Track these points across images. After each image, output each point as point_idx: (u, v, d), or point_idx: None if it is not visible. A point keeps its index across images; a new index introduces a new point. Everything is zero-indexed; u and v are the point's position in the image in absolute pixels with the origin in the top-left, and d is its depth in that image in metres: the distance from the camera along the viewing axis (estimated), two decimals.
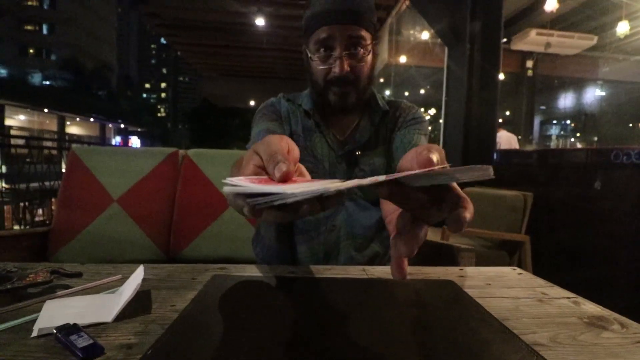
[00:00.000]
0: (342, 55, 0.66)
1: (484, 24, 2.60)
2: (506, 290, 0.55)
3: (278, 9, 4.68)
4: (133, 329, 0.37)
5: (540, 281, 0.60)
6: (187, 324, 0.38)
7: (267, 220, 0.27)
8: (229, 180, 0.28)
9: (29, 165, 3.88)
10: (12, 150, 4.15)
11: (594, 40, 6.05)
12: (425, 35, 5.28)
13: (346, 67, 0.67)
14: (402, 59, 5.95)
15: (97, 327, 0.37)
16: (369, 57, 0.71)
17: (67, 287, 0.46)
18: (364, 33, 0.68)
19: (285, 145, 0.31)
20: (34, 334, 0.35)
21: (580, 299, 0.52)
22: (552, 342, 0.38)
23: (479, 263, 1.07)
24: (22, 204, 3.83)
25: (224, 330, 0.37)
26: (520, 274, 0.63)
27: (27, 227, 3.61)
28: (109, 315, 0.38)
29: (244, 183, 0.27)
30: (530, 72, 7.90)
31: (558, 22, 6.31)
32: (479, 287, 0.56)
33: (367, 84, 0.73)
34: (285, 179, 0.27)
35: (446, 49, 2.91)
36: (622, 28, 4.54)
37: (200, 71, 9.15)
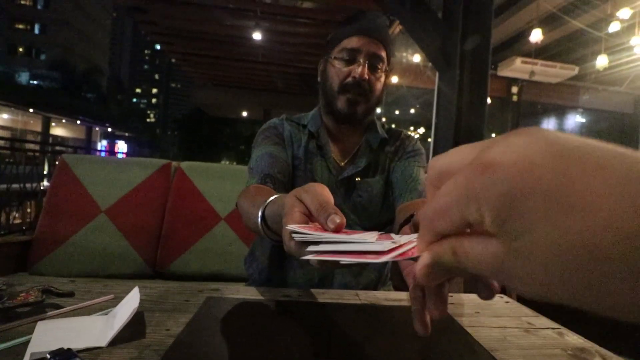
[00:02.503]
0: (365, 62, 0.73)
1: (474, 51, 2.71)
2: (495, 319, 0.56)
3: (275, 25, 4.77)
4: (128, 354, 0.36)
5: (526, 310, 0.62)
6: (182, 351, 0.37)
7: (329, 267, 0.28)
8: (293, 227, 0.29)
9: (11, 166, 3.75)
10: None
11: (575, 70, 6.37)
12: (416, 58, 5.45)
13: (366, 73, 0.72)
14: (394, 79, 6.11)
15: (91, 352, 0.36)
16: (382, 79, 0.77)
17: (58, 306, 0.46)
18: (385, 56, 0.76)
19: (329, 195, 0.32)
20: (27, 358, 0.34)
21: (564, 330, 0.54)
22: None
23: (465, 285, 1.09)
24: None
25: (219, 358, 0.37)
26: (508, 302, 0.65)
27: (2, 231, 3.46)
28: (103, 340, 0.38)
29: (314, 232, 0.28)
30: (515, 98, 8.22)
31: (542, 52, 6.63)
32: (469, 315, 0.57)
33: (375, 102, 0.78)
34: (338, 230, 0.28)
35: (437, 73, 3.01)
36: (602, 61, 4.80)
37: (194, 80, 9.16)
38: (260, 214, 0.45)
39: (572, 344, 0.49)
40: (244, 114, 12.57)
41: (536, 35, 4.32)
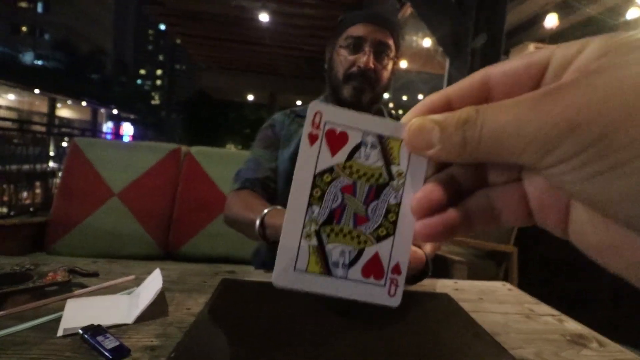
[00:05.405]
0: (370, 51, 0.72)
1: (487, 37, 2.65)
2: (497, 305, 0.58)
3: (282, 7, 4.67)
4: (154, 331, 0.39)
5: (527, 297, 0.64)
6: (205, 329, 0.40)
7: None
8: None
9: (21, 147, 3.80)
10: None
11: None
12: (427, 42, 5.33)
13: (371, 62, 0.72)
14: (403, 64, 6.00)
15: (119, 328, 0.39)
16: (389, 67, 0.77)
17: (83, 286, 0.48)
18: (391, 44, 0.75)
19: None
20: (60, 333, 0.37)
21: (563, 317, 0.56)
22: (538, 358, 0.42)
23: (468, 272, 1.11)
24: (5, 186, 3.75)
25: (240, 335, 0.39)
26: (510, 289, 0.67)
27: (12, 212, 3.54)
28: (129, 317, 0.40)
29: None
30: None
31: (556, 38, 6.44)
32: (472, 300, 0.59)
33: (381, 90, 0.78)
34: None
35: (447, 59, 2.95)
36: None
37: (199, 62, 9.06)
38: (258, 222, 0.55)
39: (571, 330, 0.51)
40: (250, 97, 12.48)
41: (551, 21, 4.19)
